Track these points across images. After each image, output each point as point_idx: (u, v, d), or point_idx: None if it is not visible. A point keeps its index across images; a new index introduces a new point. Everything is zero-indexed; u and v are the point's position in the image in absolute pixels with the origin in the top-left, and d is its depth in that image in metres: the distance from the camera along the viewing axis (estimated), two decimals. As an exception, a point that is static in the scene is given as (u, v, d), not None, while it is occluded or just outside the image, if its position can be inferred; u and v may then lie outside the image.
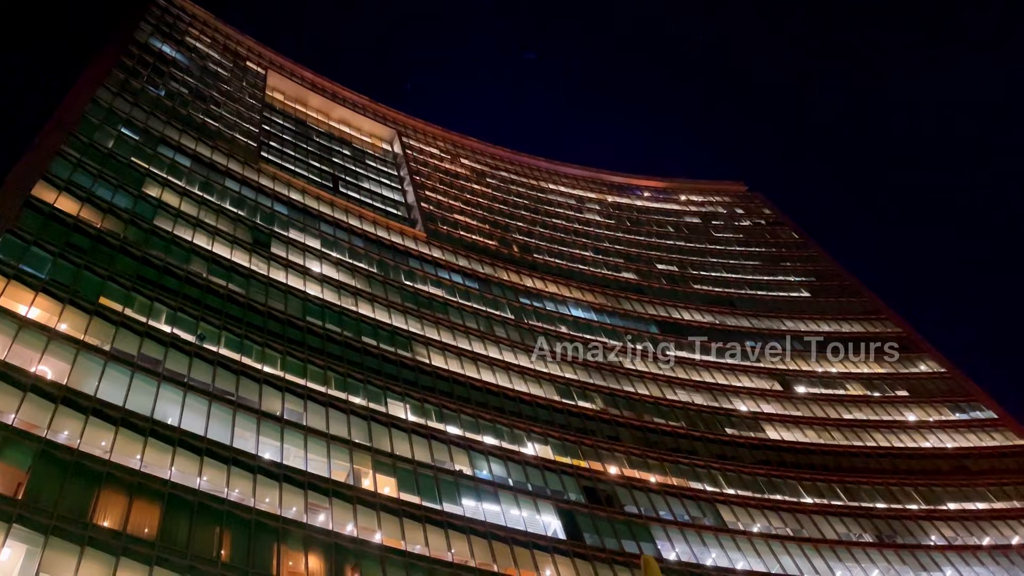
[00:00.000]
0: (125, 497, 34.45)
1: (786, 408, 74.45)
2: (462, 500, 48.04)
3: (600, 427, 62.69)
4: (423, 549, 42.90)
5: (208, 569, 33.96)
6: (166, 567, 32.78)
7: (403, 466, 47.78)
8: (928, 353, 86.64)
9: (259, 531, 37.55)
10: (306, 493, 41.38)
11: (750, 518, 59.06)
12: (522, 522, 49.11)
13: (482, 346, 65.19)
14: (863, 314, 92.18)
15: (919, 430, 74.93)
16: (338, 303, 59.26)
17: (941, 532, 63.17)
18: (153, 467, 36.67)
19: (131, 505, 34.15)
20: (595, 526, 51.98)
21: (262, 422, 43.61)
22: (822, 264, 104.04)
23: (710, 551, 54.39)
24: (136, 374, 40.28)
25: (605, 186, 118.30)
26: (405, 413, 52.37)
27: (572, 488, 54.57)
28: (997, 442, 74.86)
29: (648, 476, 59.41)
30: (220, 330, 47.76)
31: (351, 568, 39.66)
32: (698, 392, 72.91)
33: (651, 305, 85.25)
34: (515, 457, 54.46)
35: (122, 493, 34.58)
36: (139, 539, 33.23)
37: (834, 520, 61.68)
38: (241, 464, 40.23)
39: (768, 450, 67.80)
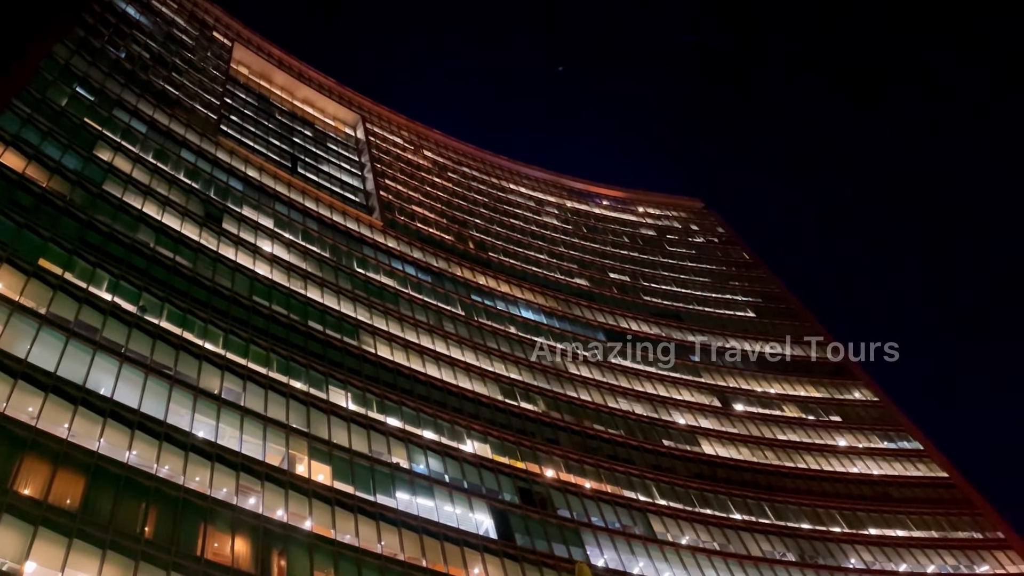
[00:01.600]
0: (49, 466, 33.48)
1: (723, 424, 75.77)
2: (396, 493, 47.81)
3: (540, 429, 62.99)
4: (353, 539, 42.57)
5: (130, 545, 33.19)
6: (86, 540, 31.93)
7: (339, 455, 47.37)
8: (863, 381, 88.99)
9: (186, 510, 36.84)
10: (238, 475, 40.73)
11: (679, 530, 59.96)
12: (455, 519, 49.08)
13: (430, 340, 64.97)
14: (804, 337, 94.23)
15: (848, 455, 76.94)
16: (287, 285, 58.47)
17: (861, 556, 64.96)
18: (81, 437, 35.73)
19: (55, 474, 33.20)
20: (527, 527, 52.20)
21: (199, 399, 42.81)
22: (769, 285, 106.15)
23: (638, 560, 55.07)
24: (71, 340, 39.17)
25: (565, 191, 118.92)
26: (346, 401, 51.93)
27: (507, 488, 54.73)
28: (921, 472, 77.27)
29: (583, 481, 59.87)
30: (163, 303, 46.74)
31: (278, 553, 39.17)
32: (639, 402, 73.76)
33: (600, 312, 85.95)
34: (453, 453, 54.40)
35: (46, 461, 33.60)
36: (60, 510, 32.33)
37: (760, 537, 62.99)
38: (173, 441, 39.43)
39: (702, 464, 68.91)
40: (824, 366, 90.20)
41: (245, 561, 37.28)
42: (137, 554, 33.04)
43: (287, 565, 38.63)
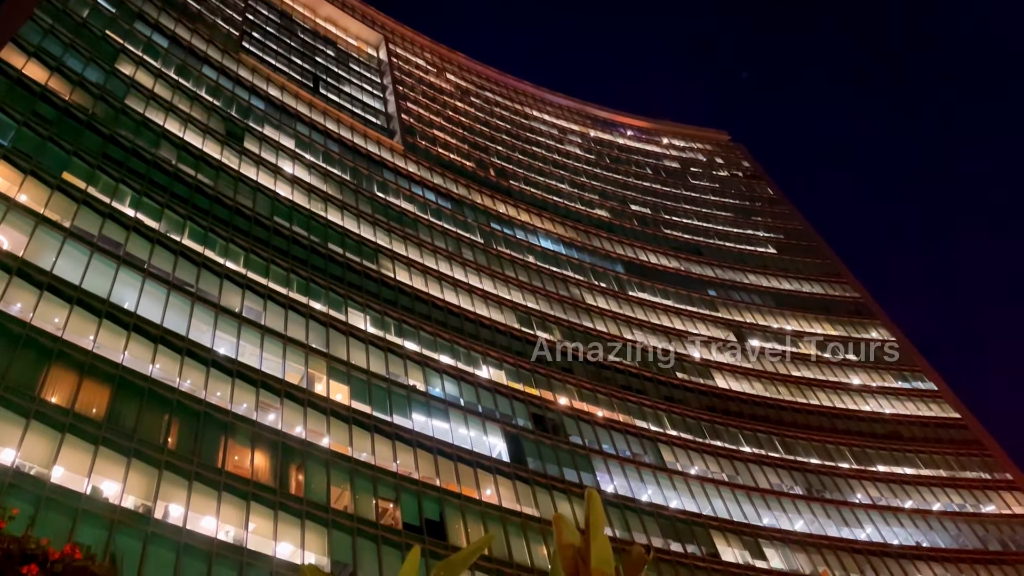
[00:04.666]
0: (75, 376, 34.36)
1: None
2: (412, 414, 48.74)
3: (555, 358, 63.57)
4: (369, 457, 43.65)
5: (154, 454, 34.25)
6: (112, 448, 32.98)
7: (357, 375, 48.16)
8: (881, 321, 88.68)
9: (208, 423, 37.84)
10: (258, 391, 41.62)
11: (689, 460, 60.91)
12: (469, 441, 50.09)
13: (448, 267, 65.19)
14: (824, 276, 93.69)
15: (861, 393, 77.26)
16: (307, 206, 58.55)
17: (867, 491, 65.88)
18: (106, 349, 36.51)
19: (80, 384, 34.11)
20: (539, 452, 53.22)
21: (220, 317, 43.45)
22: (792, 222, 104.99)
23: (647, 487, 56.17)
24: (95, 254, 39.67)
25: (589, 120, 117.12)
26: (364, 324, 52.51)
27: (521, 414, 55.62)
28: (933, 413, 77.59)
29: (596, 410, 60.69)
30: (185, 220, 47.03)
31: (296, 468, 40.28)
32: (655, 334, 74.06)
33: (620, 245, 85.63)
34: (469, 378, 55.16)
35: (72, 371, 34.48)
36: (86, 418, 33.31)
37: (768, 470, 63.92)
38: (195, 356, 40.22)
39: (715, 397, 69.54)
40: (843, 304, 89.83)
41: (264, 474, 38.41)
42: (160, 463, 34.13)
43: (305, 480, 39.76)
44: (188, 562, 31.50)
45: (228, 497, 35.45)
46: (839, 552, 59.21)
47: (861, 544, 60.78)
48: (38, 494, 29.19)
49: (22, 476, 29.67)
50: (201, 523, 33.81)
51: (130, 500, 32.33)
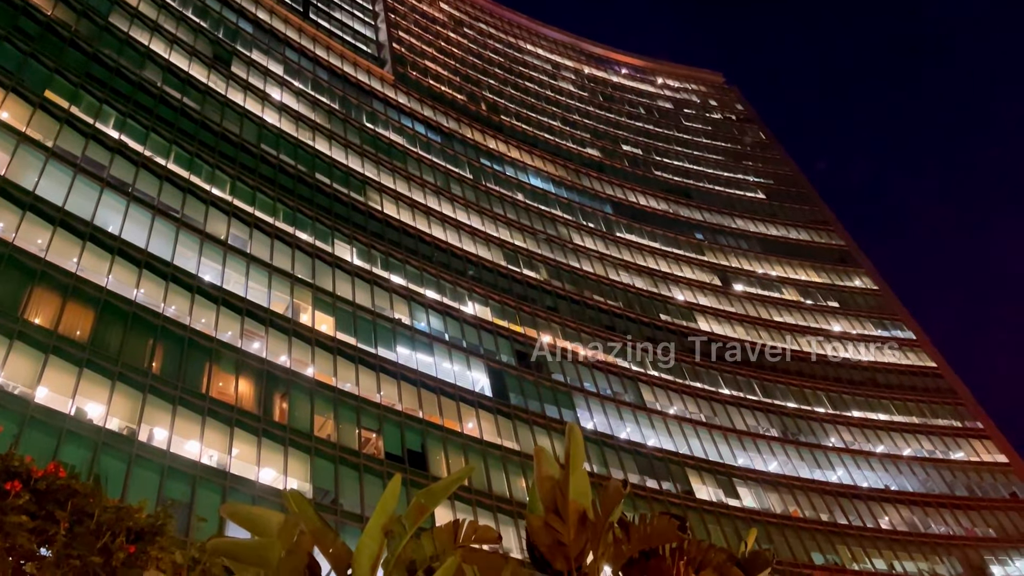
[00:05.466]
0: (59, 298, 34.22)
1: (721, 303, 76.70)
2: (397, 347, 49.03)
3: (541, 296, 63.86)
4: (353, 388, 44.05)
5: (138, 378, 34.41)
6: (96, 371, 33.09)
7: (343, 307, 48.24)
8: (865, 270, 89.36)
9: (192, 349, 37.94)
10: (243, 319, 41.67)
11: (668, 400, 61.91)
12: (452, 375, 50.58)
13: (436, 201, 64.78)
14: (812, 223, 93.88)
15: (840, 340, 78.32)
16: (295, 135, 57.71)
17: (841, 435, 67.39)
18: (89, 272, 36.29)
19: (64, 306, 33.99)
20: (521, 388, 53.88)
21: (205, 243, 43.17)
22: (782, 168, 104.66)
23: (626, 425, 57.17)
24: (79, 176, 39.09)
25: (584, 56, 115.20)
26: (351, 256, 52.36)
27: (505, 350, 56.08)
28: (909, 361, 78.92)
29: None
30: (170, 144, 46.29)
31: (280, 396, 40.64)
32: (640, 276, 74.38)
33: (610, 185, 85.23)
34: (454, 314, 55.39)
35: (56, 293, 34.33)
36: (71, 340, 33.31)
37: (746, 412, 65.14)
38: (180, 282, 40.08)
39: (697, 339, 70.28)
40: (828, 252, 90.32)
41: (248, 401, 38.74)
42: (145, 387, 34.31)
43: (288, 408, 40.15)
44: (172, 484, 31.96)
45: (212, 422, 35.81)
46: (810, 493, 60.85)
47: (832, 486, 62.44)
48: (22, 413, 29.34)
49: (6, 395, 29.78)
50: (185, 447, 34.20)
51: (114, 422, 32.59)
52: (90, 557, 12.03)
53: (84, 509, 12.68)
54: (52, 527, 12.33)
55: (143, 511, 13.45)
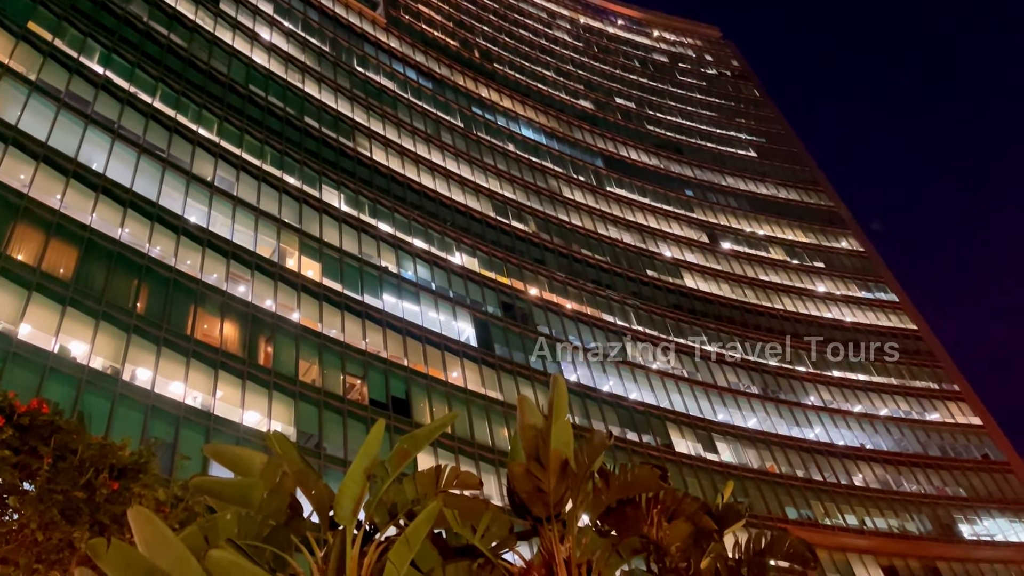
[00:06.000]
0: (42, 234, 33.87)
1: (708, 260, 76.94)
2: (383, 295, 49.02)
3: (528, 249, 63.81)
4: (338, 334, 44.12)
5: (123, 318, 34.29)
6: (80, 309, 32.94)
7: (329, 253, 48.05)
8: (852, 232, 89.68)
9: (177, 290, 37.78)
10: (229, 262, 41.44)
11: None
12: (438, 325, 50.72)
13: (426, 149, 64.16)
14: (802, 183, 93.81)
15: (824, 301, 78.95)
16: (284, 77, 56.74)
17: (820, 395, 68.37)
18: (73, 210, 35.87)
19: (48, 243, 33.66)
20: (507, 339, 54.15)
21: (191, 185, 42.70)
22: (775, 126, 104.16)
23: (609, 379, 57.73)
24: (62, 111, 38.37)
25: (580, 5, 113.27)
26: (339, 202, 51.97)
27: (491, 301, 56.21)
28: (891, 323, 79.75)
29: (565, 302, 61.50)
30: (157, 82, 45.43)
31: (265, 340, 40.67)
32: (628, 231, 74.35)
33: (602, 138, 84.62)
34: (441, 263, 55.32)
35: (39, 230, 33.96)
36: (54, 278, 33.07)
37: (728, 369, 65.88)
38: (165, 223, 39.71)
39: (682, 296, 70.68)
40: (817, 213, 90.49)
41: (233, 344, 38.76)
42: (129, 327, 34.21)
43: (273, 351, 40.23)
44: (156, 424, 32.10)
45: (196, 364, 35.85)
46: (787, 449, 61.94)
47: (809, 443, 63.55)
48: (5, 349, 29.26)
49: (-11, 332, 29.65)
50: (169, 387, 34.28)
51: (98, 361, 32.56)
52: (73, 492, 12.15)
53: (67, 445, 12.76)
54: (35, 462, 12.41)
55: (126, 449, 13.55)
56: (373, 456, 9.79)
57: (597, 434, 10.25)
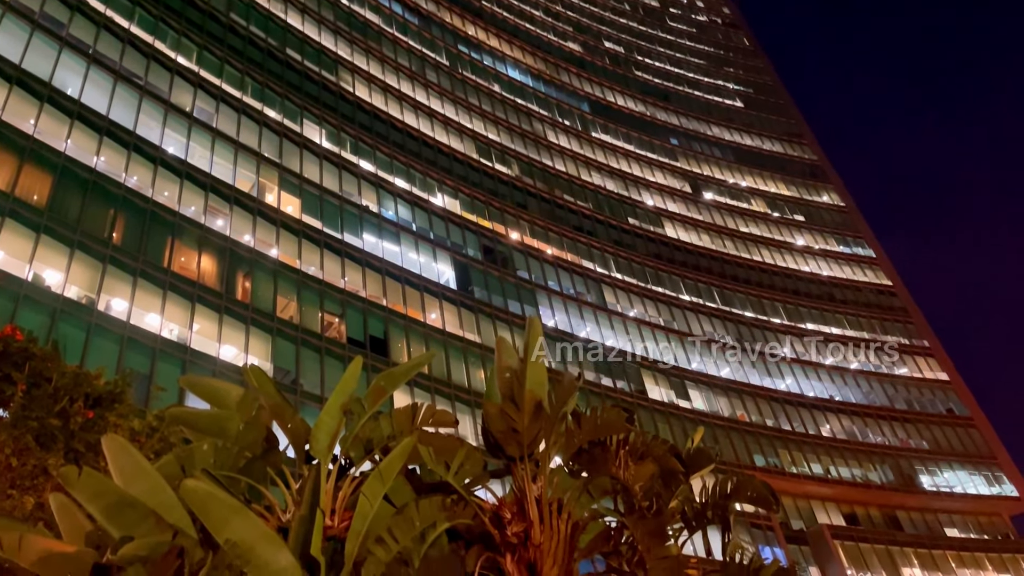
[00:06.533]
0: (15, 159, 33.19)
1: (689, 210, 77.02)
2: (363, 234, 48.74)
3: (511, 192, 63.47)
4: (317, 272, 43.94)
5: (98, 248, 33.91)
6: (54, 237, 32.52)
7: (310, 189, 47.54)
8: (834, 186, 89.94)
9: (154, 222, 37.34)
10: (207, 195, 40.92)
11: (629, 303, 62.89)
12: (418, 266, 50.62)
13: (410, 87, 63.10)
14: (786, 135, 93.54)
15: (803, 254, 79.57)
16: (266, 6, 55.21)
17: (793, 346, 69.41)
18: (48, 135, 35.11)
19: (21, 169, 33.00)
20: (486, 283, 54.24)
21: (169, 114, 41.85)
22: (763, 77, 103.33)
23: (586, 325, 58.16)
24: (36, 32, 37.22)
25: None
26: (320, 138, 51.23)
27: (472, 244, 56.10)
28: (867, 279, 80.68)
29: (546, 247, 61.51)
30: (134, 5, 44.07)
31: (243, 275, 40.45)
32: (612, 178, 74.09)
33: (588, 83, 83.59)
34: (423, 204, 54.96)
35: (12, 154, 33.26)
36: (28, 204, 32.54)
37: (704, 319, 66.56)
38: (143, 152, 39.02)
39: (662, 246, 70.91)
40: (800, 165, 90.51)
41: (211, 278, 38.53)
42: (105, 257, 33.87)
43: (251, 287, 40.05)
44: (131, 355, 32.02)
45: (173, 297, 35.65)
46: (758, 399, 63.12)
47: (779, 393, 64.76)
48: (-22, 276, 28.91)
49: (-39, 257, 29.23)
50: (145, 319, 34.11)
51: (73, 290, 32.29)
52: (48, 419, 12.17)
53: (42, 373, 12.73)
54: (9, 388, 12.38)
55: (101, 378, 13.54)
56: (350, 392, 9.86)
57: (567, 376, 10.43)
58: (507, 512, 9.58)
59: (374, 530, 8.64)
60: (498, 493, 10.07)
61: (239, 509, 7.97)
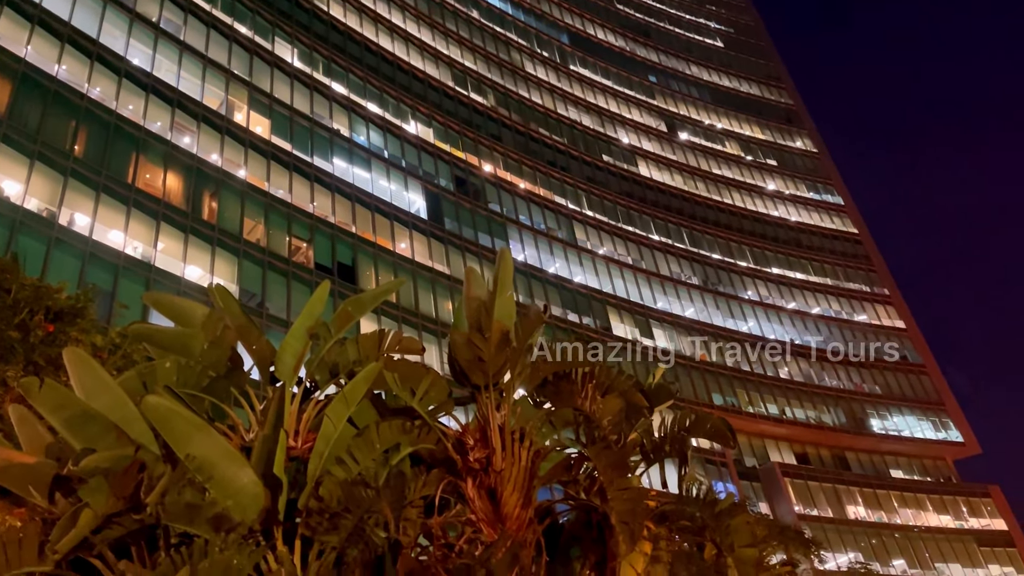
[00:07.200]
0: (-28, 65, 31.92)
1: (664, 150, 76.77)
2: (334, 159, 47.95)
3: (486, 123, 62.63)
4: (286, 195, 43.27)
5: (60, 160, 33.00)
6: (12, 146, 31.55)
7: (280, 110, 46.46)
8: (808, 132, 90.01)
9: (118, 136, 36.35)
10: (174, 111, 39.81)
11: (599, 240, 63.05)
12: (389, 194, 50.07)
13: (386, 8, 61.31)
14: (764, 78, 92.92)
15: (773, 199, 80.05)
16: (238, -86, 52.88)
17: (758, 289, 70.43)
18: (7, 40, 33.69)
19: (-22, 75, 31.78)
20: (457, 214, 53.90)
21: (135, 24, 40.32)
22: (744, 17, 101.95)
23: (555, 260, 58.32)
24: (-8, -69, 35.35)
25: None
26: (291, 57, 49.83)
27: (444, 174, 55.52)
28: (834, 226, 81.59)
29: (519, 181, 61.10)
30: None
31: (209, 195, 39.73)
32: (588, 113, 73.37)
33: (569, 13, 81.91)
34: (395, 131, 54.06)
35: (-32, 60, 31.97)
36: (-15, 113, 31.42)
37: (672, 259, 67.10)
38: (106, 63, 37.70)
39: (635, 184, 70.83)
40: (776, 110, 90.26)
41: (177, 196, 37.79)
42: (67, 170, 33.00)
43: (218, 208, 39.39)
44: (93, 271, 31.51)
45: (137, 214, 34.96)
46: (720, 339, 64.21)
47: (741, 335, 65.91)
48: (-67, 185, 28.03)
49: (-85, 164, 28.28)
50: (108, 236, 33.49)
51: (33, 203, 31.50)
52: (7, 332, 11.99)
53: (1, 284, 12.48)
54: (-34, 298, 12.14)
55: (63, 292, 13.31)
56: (317, 316, 9.81)
57: (533, 308, 10.45)
58: (470, 439, 9.70)
59: (336, 451, 8.72)
60: (462, 420, 10.19)
61: (201, 426, 7.97)
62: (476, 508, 9.35)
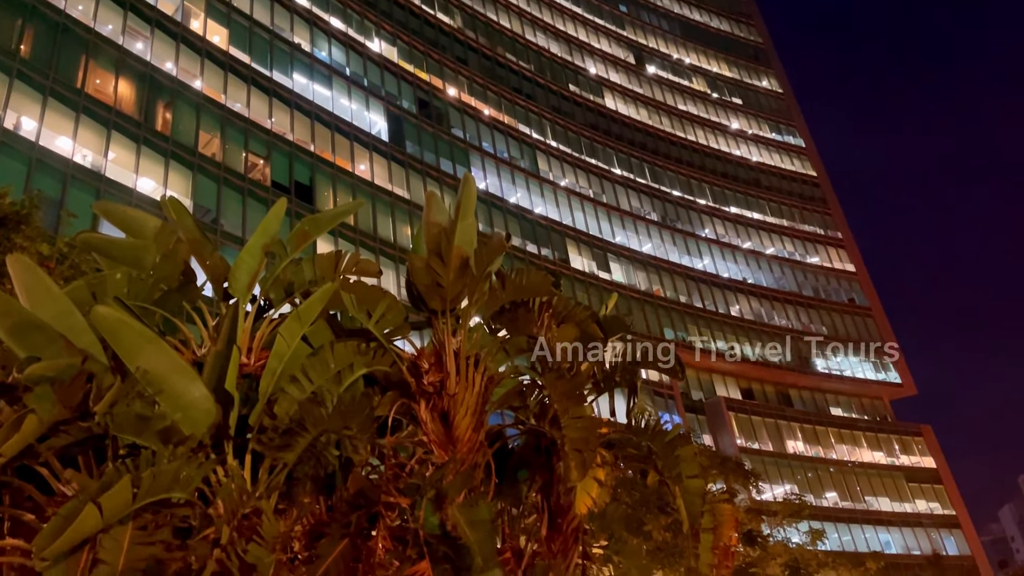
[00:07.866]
0: (-94, -48, 29.99)
1: (631, 83, 76.01)
2: (294, 74, 46.53)
3: (452, 45, 61.12)
4: (243, 109, 42.03)
5: (4, 59, 31.49)
6: (-47, 45, 30.01)
7: (239, 20, 44.72)
8: (775, 72, 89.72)
9: (67, 38, 34.73)
10: (126, 14, 38.05)
11: (562, 172, 62.74)
12: (349, 113, 48.95)
13: (352, -83, 58.74)
14: (735, 14, 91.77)
15: (736, 137, 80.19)
16: None
17: (715, 228, 71.13)
18: (-56, -72, 31.69)
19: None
20: (419, 138, 53.02)
21: (84, -82, 38.08)
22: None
23: (516, 190, 57.98)
24: None
25: None
26: (251, -37, 47.68)
27: (407, 96, 54.36)
28: (794, 167, 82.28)
29: (483, 107, 60.13)
30: None
31: (164, 106, 38.43)
32: (556, 41, 72.04)
33: (541, -65, 79.43)
34: (358, 48, 52.52)
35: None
36: (-78, 5, 29.71)
37: (632, 194, 67.20)
38: (53, -41, 35.70)
39: (600, 116, 70.24)
40: (744, 47, 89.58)
41: (129, 105, 36.49)
42: (12, 71, 31.57)
43: (172, 119, 38.17)
44: (40, 178, 30.46)
45: (87, 121, 33.72)
46: (675, 276, 65.06)
47: (696, 272, 66.81)
48: None
49: None
50: (56, 142, 32.31)
51: (-25, 105, 30.17)
52: (-52, 236, 11.60)
53: (-60, 186, 12.00)
54: (-96, 200, 11.67)
55: (7, 197, 12.85)
56: (272, 234, 9.65)
57: (496, 236, 10.40)
58: (425, 362, 9.75)
59: (289, 370, 8.70)
60: (417, 344, 10.22)
61: (152, 339, 7.87)
62: (428, 430, 9.46)
